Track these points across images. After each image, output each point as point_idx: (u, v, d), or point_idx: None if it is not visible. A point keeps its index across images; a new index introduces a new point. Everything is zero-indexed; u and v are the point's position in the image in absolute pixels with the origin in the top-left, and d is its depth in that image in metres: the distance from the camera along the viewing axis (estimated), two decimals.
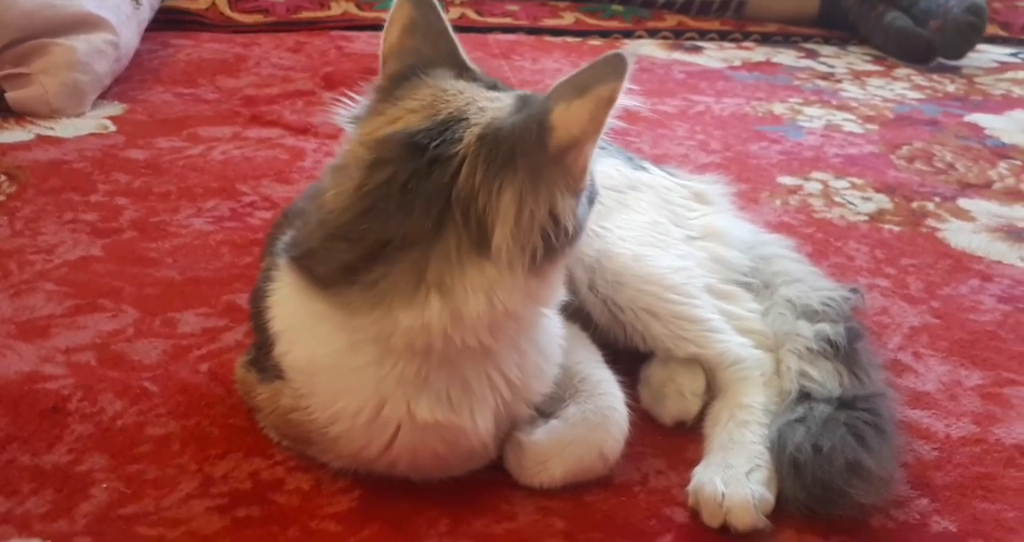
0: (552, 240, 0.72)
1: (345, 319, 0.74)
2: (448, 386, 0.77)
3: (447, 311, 0.71)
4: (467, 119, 0.72)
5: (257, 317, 0.85)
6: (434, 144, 0.71)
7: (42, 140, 1.57)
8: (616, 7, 2.63)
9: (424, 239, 0.70)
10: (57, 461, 0.86)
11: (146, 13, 2.03)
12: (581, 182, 0.73)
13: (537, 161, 0.70)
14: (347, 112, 0.79)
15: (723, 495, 0.81)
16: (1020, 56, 2.55)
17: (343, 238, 0.72)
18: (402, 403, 0.76)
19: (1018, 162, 1.74)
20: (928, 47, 2.33)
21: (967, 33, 2.30)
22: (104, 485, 0.83)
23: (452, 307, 0.71)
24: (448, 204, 0.70)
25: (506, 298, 0.72)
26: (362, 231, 0.71)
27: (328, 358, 0.77)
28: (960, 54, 2.32)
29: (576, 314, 0.93)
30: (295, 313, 0.79)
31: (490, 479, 0.86)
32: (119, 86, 1.82)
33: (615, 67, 0.68)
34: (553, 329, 0.85)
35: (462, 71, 0.79)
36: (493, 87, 0.78)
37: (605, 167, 1.05)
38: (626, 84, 0.69)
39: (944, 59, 2.32)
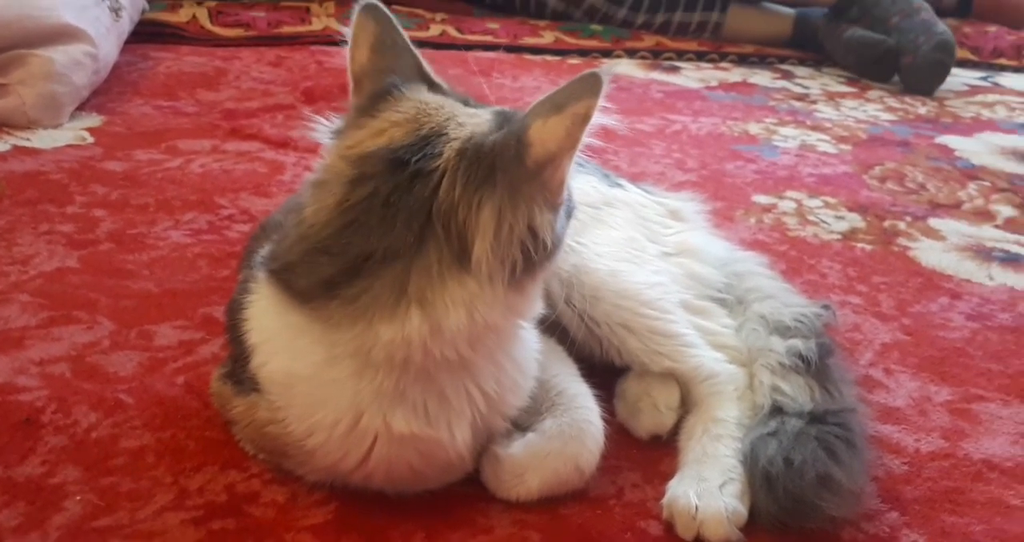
0: (531, 254, 0.73)
1: (324, 333, 0.74)
2: (425, 399, 0.77)
3: (427, 325, 0.72)
4: (447, 134, 0.73)
5: (233, 329, 0.85)
6: (415, 159, 0.72)
7: (19, 151, 1.56)
8: (595, 27, 2.67)
9: (406, 253, 0.71)
10: (30, 473, 0.85)
11: (126, 25, 2.03)
12: (559, 197, 0.74)
13: (516, 176, 0.71)
14: (326, 127, 0.80)
15: (696, 508, 0.83)
16: (989, 80, 2.62)
17: (324, 252, 0.73)
18: (379, 415, 0.77)
19: (987, 183, 1.78)
20: (886, 54, 2.37)
21: (937, 71, 2.36)
22: (78, 498, 0.83)
23: (432, 321, 0.72)
24: (429, 218, 0.71)
25: (486, 312, 0.73)
26: (344, 245, 0.72)
27: (306, 370, 0.77)
28: (931, 90, 2.38)
29: (552, 328, 0.94)
30: (273, 326, 0.79)
31: (466, 493, 0.86)
32: (98, 98, 1.81)
33: (591, 85, 0.70)
34: (530, 342, 0.85)
35: (431, 86, 0.80)
36: (466, 103, 0.79)
37: (581, 184, 1.06)
38: (601, 102, 0.70)
39: (915, 93, 2.37)
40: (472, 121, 0.75)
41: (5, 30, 1.64)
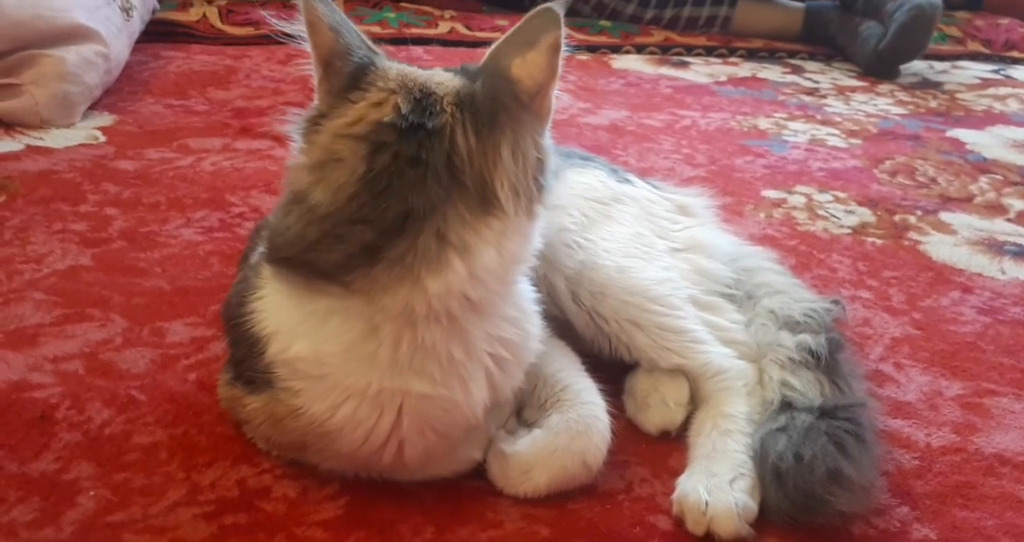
0: (540, 178, 0.79)
1: (365, 304, 0.75)
2: (451, 351, 0.79)
3: (466, 269, 0.75)
4: (435, 93, 0.77)
5: (236, 328, 0.85)
6: (424, 120, 0.75)
7: (32, 150, 1.57)
8: (604, 22, 2.67)
9: (440, 205, 0.74)
10: (44, 469, 0.86)
11: (137, 25, 2.05)
12: (548, 121, 0.81)
13: (516, 113, 0.77)
14: (302, 116, 0.80)
15: (707, 504, 0.83)
16: (1001, 73, 2.60)
17: (358, 222, 0.74)
18: (407, 379, 0.78)
19: (999, 177, 1.77)
20: (878, 62, 2.35)
21: (913, 36, 2.30)
22: (91, 493, 0.84)
23: (470, 265, 0.75)
24: (453, 170, 0.75)
25: (511, 246, 0.77)
26: (381, 210, 0.73)
27: (337, 348, 0.77)
28: (901, 61, 2.34)
29: (558, 325, 0.95)
30: (290, 315, 0.79)
31: (476, 487, 0.87)
32: (109, 97, 1.82)
33: (551, 18, 0.76)
34: (529, 294, 0.88)
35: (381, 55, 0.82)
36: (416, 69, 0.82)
37: (590, 179, 1.07)
38: (564, 31, 0.76)
39: (888, 66, 2.33)
40: (447, 79, 0.79)
41: (17, 30, 1.66)
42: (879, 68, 2.40)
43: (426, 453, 0.82)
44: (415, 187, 0.74)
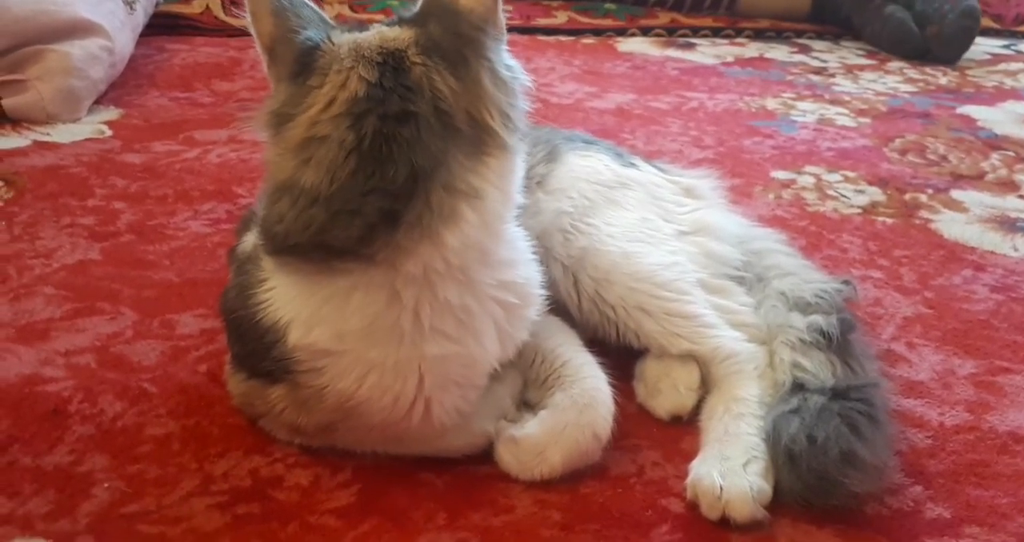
0: (514, 97, 0.79)
1: (386, 273, 0.76)
2: (464, 311, 0.80)
3: (477, 217, 0.76)
4: (395, 49, 0.76)
5: (242, 322, 0.84)
6: (398, 78, 0.74)
7: (39, 146, 1.58)
8: (609, 5, 2.65)
9: (443, 156, 0.74)
10: (58, 462, 0.87)
11: (140, 18, 2.04)
12: (504, 39, 0.81)
13: (480, 41, 0.77)
14: (262, 109, 0.78)
15: (721, 488, 0.82)
16: (1012, 48, 2.57)
17: (368, 193, 0.73)
18: (423, 345, 0.79)
19: (1011, 153, 1.75)
20: (923, 49, 2.35)
21: (963, 39, 2.32)
22: (105, 485, 0.84)
23: (480, 210, 0.76)
24: (442, 116, 0.75)
25: (507, 182, 0.79)
26: (391, 176, 0.73)
27: (362, 323, 0.77)
28: (956, 58, 2.34)
29: (557, 307, 0.95)
30: (306, 301, 0.79)
31: (488, 473, 0.87)
32: (115, 91, 1.83)
33: None
34: (523, 239, 0.88)
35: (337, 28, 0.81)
36: (363, 29, 0.81)
37: (593, 163, 1.06)
38: None
39: (941, 63, 2.33)
40: (396, 33, 0.78)
41: (21, 26, 1.66)
42: (912, 53, 2.35)
43: (455, 410, 0.83)
44: (414, 145, 0.73)
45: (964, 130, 1.86)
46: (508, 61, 0.80)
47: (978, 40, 2.44)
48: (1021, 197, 1.55)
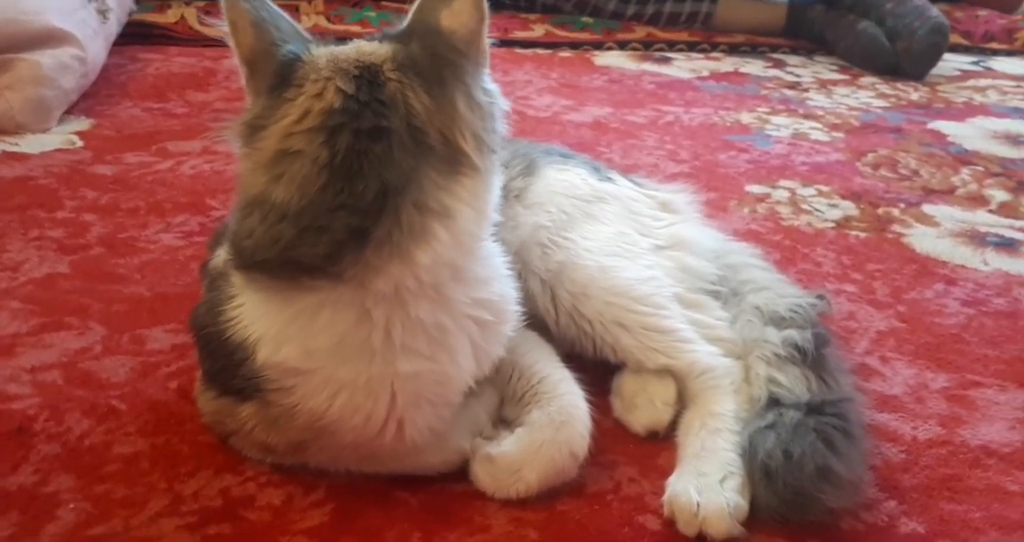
0: (494, 125, 0.79)
1: (355, 291, 0.75)
2: (437, 329, 0.79)
3: (449, 235, 0.75)
4: (372, 64, 0.76)
5: (212, 339, 0.83)
6: (373, 93, 0.74)
7: (7, 156, 1.55)
8: (586, 19, 2.66)
9: (413, 174, 0.73)
10: (23, 482, 0.85)
11: (114, 27, 2.02)
12: (486, 65, 0.80)
13: (458, 64, 0.77)
14: (237, 121, 0.78)
15: (698, 504, 0.82)
16: (981, 64, 2.61)
17: (336, 209, 0.72)
18: (395, 362, 0.78)
19: (980, 168, 1.77)
20: (894, 64, 2.39)
21: (932, 55, 2.37)
22: (71, 506, 0.82)
23: (452, 229, 0.75)
24: (416, 134, 0.74)
25: (483, 202, 0.78)
26: (359, 192, 0.72)
27: (330, 342, 0.76)
28: (925, 74, 2.39)
29: (535, 323, 0.95)
30: (274, 317, 0.78)
31: (463, 491, 0.86)
32: (86, 101, 1.80)
33: None
34: (499, 256, 0.88)
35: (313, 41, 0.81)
36: (344, 44, 0.81)
37: (571, 177, 1.06)
38: None
39: (909, 77, 2.37)
40: (375, 48, 0.78)
41: None
42: (897, 69, 2.39)
43: (429, 429, 0.82)
44: (385, 161, 0.73)
45: (935, 145, 1.89)
46: (487, 85, 0.80)
47: (948, 57, 2.49)
48: (991, 212, 1.58)
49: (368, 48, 0.78)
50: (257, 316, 0.79)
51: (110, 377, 1.00)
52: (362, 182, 0.72)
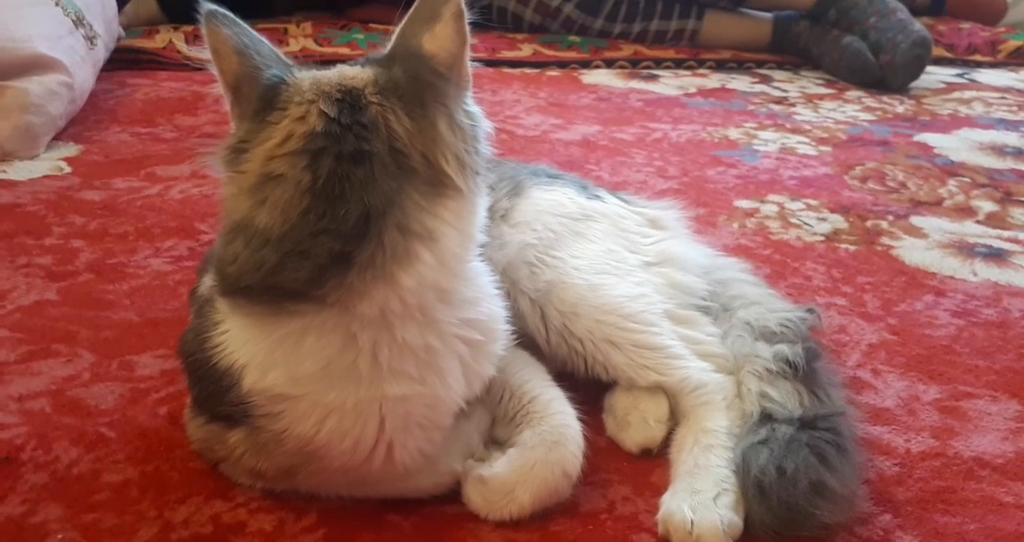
0: (475, 143, 0.79)
1: (340, 315, 0.74)
2: (425, 351, 0.78)
3: (434, 258, 0.75)
4: (354, 87, 0.76)
5: (200, 365, 0.83)
6: (355, 116, 0.74)
7: None
8: (573, 38, 2.68)
9: (396, 197, 0.73)
10: (10, 513, 0.84)
11: (101, 53, 2.03)
12: (469, 88, 0.81)
13: (440, 88, 0.77)
14: (222, 146, 0.78)
15: (692, 522, 0.81)
16: (965, 76, 2.64)
17: (318, 234, 0.72)
18: (383, 386, 0.77)
19: (967, 179, 1.79)
20: (879, 78, 2.41)
21: (914, 67, 2.40)
22: (59, 536, 0.81)
23: (437, 252, 0.75)
24: (398, 157, 0.74)
25: (467, 223, 0.78)
26: (341, 217, 0.72)
27: (315, 367, 0.76)
28: (906, 86, 2.42)
29: (525, 342, 0.94)
30: (259, 343, 0.78)
31: (455, 513, 0.85)
32: (74, 127, 1.80)
33: None
34: (486, 276, 0.87)
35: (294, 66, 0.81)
36: (325, 68, 0.82)
37: (558, 196, 1.07)
38: None
39: (892, 90, 2.40)
40: (357, 72, 0.78)
41: None
42: (882, 82, 2.42)
43: (419, 452, 0.82)
44: (367, 185, 0.73)
45: (922, 157, 1.90)
46: (469, 108, 0.80)
47: (932, 69, 2.51)
48: (979, 222, 1.58)
49: (350, 72, 0.78)
50: (243, 342, 0.79)
51: (99, 404, 0.99)
52: (344, 206, 0.72)
